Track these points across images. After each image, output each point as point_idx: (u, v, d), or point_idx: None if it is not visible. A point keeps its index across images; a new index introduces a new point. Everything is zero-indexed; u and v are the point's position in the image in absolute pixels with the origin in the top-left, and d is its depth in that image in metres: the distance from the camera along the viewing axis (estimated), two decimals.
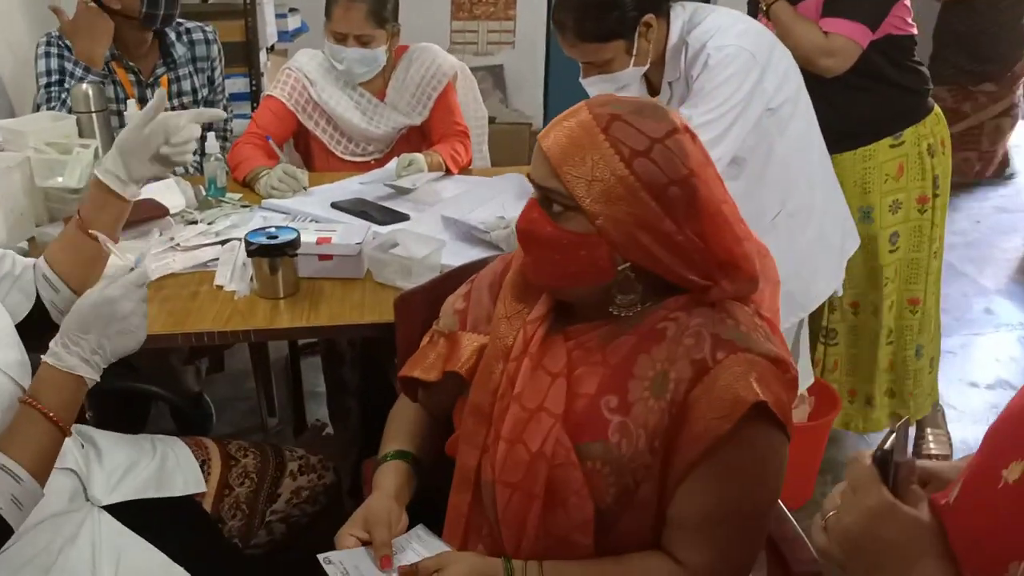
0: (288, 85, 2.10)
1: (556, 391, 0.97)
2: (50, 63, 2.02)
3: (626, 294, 0.97)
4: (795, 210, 1.74)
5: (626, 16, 1.53)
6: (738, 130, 1.57)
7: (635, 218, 0.91)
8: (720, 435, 0.88)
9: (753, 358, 0.91)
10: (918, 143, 2.02)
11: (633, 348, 0.96)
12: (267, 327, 1.43)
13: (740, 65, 1.55)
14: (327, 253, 1.54)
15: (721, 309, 0.95)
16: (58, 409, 1.02)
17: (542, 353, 1.00)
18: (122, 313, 1.06)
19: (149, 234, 1.64)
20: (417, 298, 1.32)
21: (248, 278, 1.51)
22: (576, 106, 0.97)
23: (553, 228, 0.94)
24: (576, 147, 0.92)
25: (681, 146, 0.93)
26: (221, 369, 2.62)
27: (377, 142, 2.17)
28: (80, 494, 1.17)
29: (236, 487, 1.34)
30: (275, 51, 3.36)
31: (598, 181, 0.91)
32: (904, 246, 2.08)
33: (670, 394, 0.91)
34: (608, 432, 0.94)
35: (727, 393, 0.89)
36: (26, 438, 1.01)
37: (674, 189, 0.91)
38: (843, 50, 1.86)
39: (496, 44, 4.43)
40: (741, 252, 0.96)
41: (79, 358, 1.04)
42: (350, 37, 1.99)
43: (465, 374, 1.06)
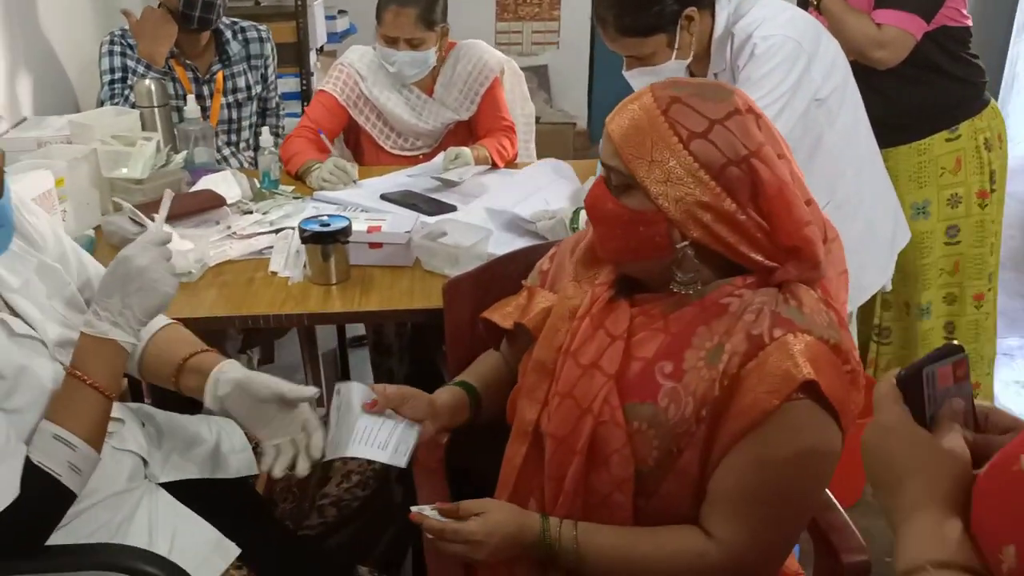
0: (340, 80, 2.14)
1: (613, 352, 0.99)
2: (113, 61, 2.11)
3: (686, 272, 0.98)
4: (843, 201, 1.72)
5: (667, 10, 1.54)
6: (785, 119, 1.56)
7: (695, 198, 0.93)
8: (767, 410, 0.88)
9: (811, 340, 0.91)
10: (975, 136, 1.98)
11: (694, 318, 0.97)
12: (319, 311, 1.47)
13: (787, 54, 1.54)
14: (377, 241, 1.58)
15: (787, 290, 0.96)
16: (98, 375, 1.05)
17: (604, 315, 1.03)
18: (138, 269, 1.07)
19: (207, 223, 1.70)
20: (465, 284, 1.35)
21: (301, 265, 1.56)
22: (643, 88, 1.00)
23: (614, 204, 0.98)
24: (636, 129, 0.95)
25: (743, 127, 0.94)
26: (272, 361, 2.68)
27: (425, 137, 2.21)
28: (140, 473, 1.21)
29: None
30: (324, 52, 3.44)
31: (657, 162, 0.93)
32: (966, 240, 2.05)
33: (723, 365, 0.92)
34: (658, 396, 0.96)
35: (778, 369, 0.89)
36: (74, 407, 1.04)
37: (733, 169, 0.92)
38: (896, 41, 1.84)
39: (540, 44, 4.46)
40: (803, 236, 0.95)
41: (109, 322, 1.06)
42: (400, 41, 2.03)
43: (532, 329, 1.10)
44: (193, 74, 2.20)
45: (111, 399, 1.07)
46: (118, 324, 1.07)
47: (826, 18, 1.89)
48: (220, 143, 2.25)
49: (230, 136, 2.29)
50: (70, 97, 2.44)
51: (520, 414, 1.08)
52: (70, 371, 1.05)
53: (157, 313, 1.11)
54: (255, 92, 2.30)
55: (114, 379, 1.07)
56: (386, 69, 2.13)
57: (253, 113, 2.33)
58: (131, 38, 2.13)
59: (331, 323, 1.91)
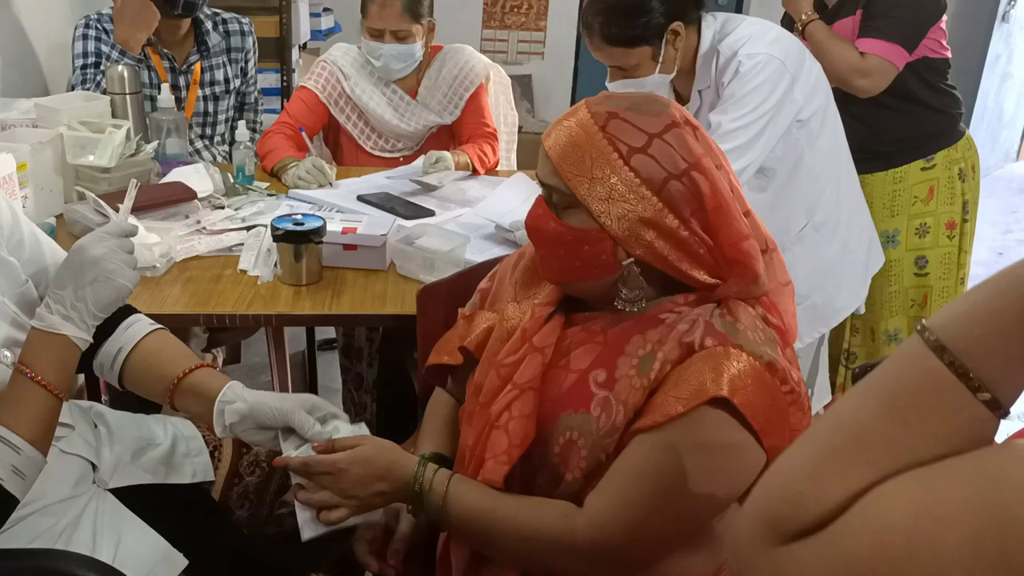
0: (322, 78, 2.11)
1: (532, 364, 0.98)
2: (87, 45, 2.04)
3: (631, 289, 0.97)
4: (821, 223, 1.73)
5: (653, 22, 1.53)
6: (767, 137, 1.56)
7: (636, 215, 0.91)
8: (671, 415, 0.87)
9: (741, 355, 0.88)
10: (949, 167, 2.00)
11: (630, 330, 0.96)
12: (288, 312, 1.43)
13: (771, 73, 1.54)
14: (352, 243, 1.55)
15: (725, 306, 0.95)
16: (47, 372, 0.98)
17: (534, 328, 1.02)
18: (92, 258, 1.02)
19: (176, 216, 1.65)
20: (439, 290, 1.32)
21: (272, 264, 1.52)
22: (577, 104, 0.98)
23: (556, 224, 0.96)
24: (574, 146, 0.93)
25: (681, 139, 0.92)
26: (238, 361, 2.62)
27: (407, 139, 2.18)
28: (87, 478, 1.16)
29: (246, 476, 1.33)
30: (307, 49, 3.39)
31: (598, 180, 0.91)
32: (934, 272, 2.06)
33: (654, 373, 0.91)
34: (591, 405, 0.94)
35: (695, 378, 0.87)
36: (20, 405, 0.97)
37: (675, 183, 0.91)
38: (878, 70, 1.86)
39: (526, 54, 4.46)
40: (742, 249, 0.94)
41: (60, 316, 1.01)
42: (387, 33, 2.00)
43: (473, 350, 1.08)
44: (170, 63, 2.14)
45: (60, 398, 1.00)
46: (70, 318, 1.01)
47: (810, 44, 1.91)
48: (193, 136, 2.20)
49: (204, 129, 2.24)
50: (39, 81, 2.38)
51: (463, 439, 1.05)
52: (17, 367, 0.99)
53: (113, 307, 1.05)
54: (233, 86, 2.26)
55: (64, 376, 1.01)
56: (370, 68, 2.10)
57: (230, 107, 2.28)
58: (107, 22, 2.07)
59: (300, 325, 1.87)
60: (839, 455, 0.50)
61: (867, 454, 0.49)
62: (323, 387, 2.44)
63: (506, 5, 4.39)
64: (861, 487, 0.48)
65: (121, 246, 1.05)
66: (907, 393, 0.49)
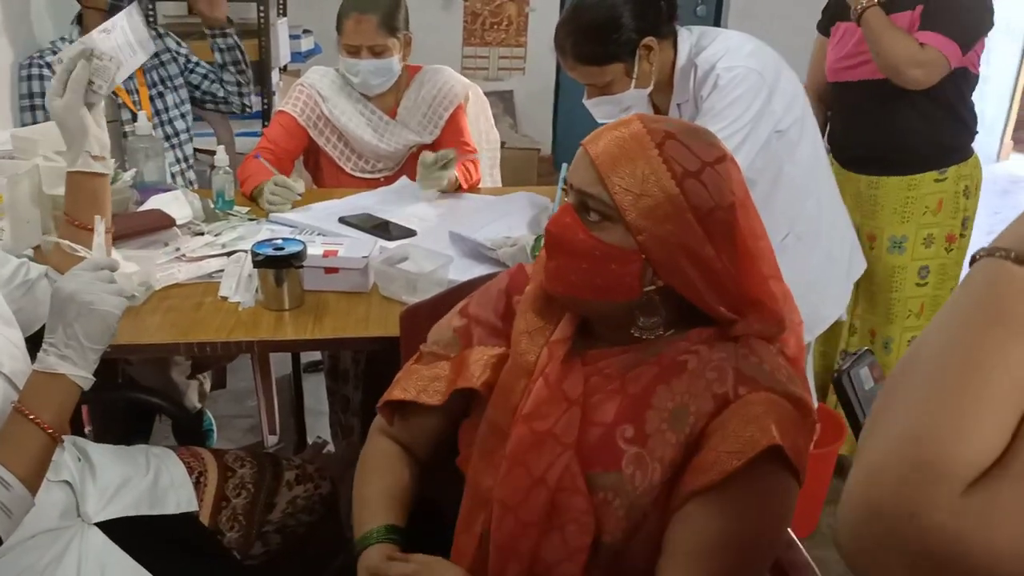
0: (300, 100, 2.10)
1: (570, 419, 0.93)
2: (32, 85, 2.07)
3: (649, 316, 0.94)
4: (803, 233, 1.74)
5: (624, 39, 1.54)
6: (748, 149, 1.57)
7: (678, 239, 0.89)
8: (729, 471, 0.84)
9: (775, 398, 0.88)
10: (958, 182, 2.03)
11: (653, 379, 0.92)
12: (271, 338, 1.42)
13: (749, 85, 1.55)
14: (333, 266, 1.54)
15: (744, 345, 0.92)
16: (43, 411, 1.01)
17: (561, 376, 0.96)
18: (69, 295, 1.04)
19: (155, 244, 1.63)
20: (423, 312, 1.31)
21: (253, 290, 1.50)
22: (628, 117, 0.95)
23: (587, 236, 0.91)
24: (627, 158, 0.89)
25: (728, 174, 0.91)
26: (223, 386, 2.60)
27: (387, 159, 2.17)
28: (72, 510, 1.15)
29: (233, 498, 1.33)
30: (288, 71, 3.39)
31: (647, 196, 0.88)
32: (932, 283, 2.08)
33: (689, 427, 0.88)
34: (622, 463, 0.90)
35: (744, 430, 0.85)
36: (15, 444, 0.99)
37: (719, 214, 0.89)
38: (934, 63, 1.84)
39: (507, 70, 4.48)
40: (769, 291, 0.93)
41: (56, 356, 1.03)
42: (363, 49, 2.00)
43: (482, 388, 1.01)
44: None
45: (55, 439, 1.02)
46: (66, 357, 1.03)
47: (864, 30, 1.89)
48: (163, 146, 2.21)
49: (164, 128, 2.23)
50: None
51: (475, 479, 1.00)
52: (16, 406, 1.01)
53: (106, 336, 1.07)
54: (175, 83, 2.27)
55: (61, 417, 1.03)
56: (348, 89, 2.10)
57: (183, 101, 2.28)
58: (59, 49, 2.07)
59: (283, 351, 1.86)
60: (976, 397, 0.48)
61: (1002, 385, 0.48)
62: (310, 410, 2.42)
63: (486, 22, 4.41)
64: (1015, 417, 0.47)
65: (98, 278, 1.07)
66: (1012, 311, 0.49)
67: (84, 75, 1.22)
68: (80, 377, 1.04)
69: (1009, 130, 5.05)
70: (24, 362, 1.09)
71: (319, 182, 2.24)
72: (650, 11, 1.55)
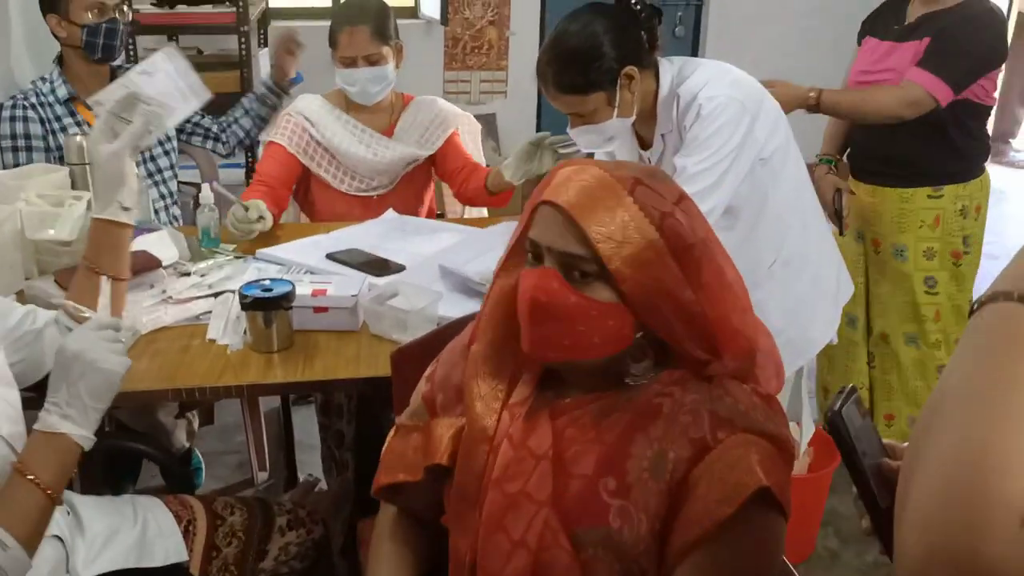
0: (288, 129, 2.11)
1: (541, 475, 0.91)
2: (15, 127, 2.05)
3: (638, 361, 0.93)
4: (790, 258, 1.74)
5: (605, 68, 1.54)
6: (732, 178, 1.58)
7: (659, 284, 0.88)
8: (720, 520, 0.84)
9: (754, 439, 0.87)
10: (955, 201, 2.07)
11: (629, 425, 0.91)
12: (260, 382, 1.40)
13: (732, 114, 1.56)
14: (322, 305, 1.52)
15: (718, 386, 0.91)
16: (43, 472, 1.01)
17: (525, 434, 0.94)
18: (73, 354, 1.05)
19: (141, 287, 1.62)
20: (414, 352, 1.30)
21: (241, 331, 1.49)
22: (578, 165, 0.92)
23: (579, 298, 0.88)
24: (604, 207, 0.87)
25: (693, 211, 0.92)
26: (211, 422, 2.57)
27: (381, 175, 2.17)
28: (62, 565, 1.14)
29: (223, 548, 1.31)
30: None
31: (628, 243, 0.86)
32: (944, 291, 2.12)
33: (669, 474, 0.87)
34: (608, 517, 0.89)
35: (729, 475, 0.85)
36: (14, 505, 0.99)
37: (694, 252, 0.89)
38: (920, 102, 1.93)
39: (488, 94, 4.50)
40: (741, 323, 0.93)
41: (58, 415, 1.03)
42: (359, 59, 2.03)
43: (448, 463, 0.99)
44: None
45: (54, 500, 1.02)
46: (68, 416, 1.03)
47: (841, 113, 2.05)
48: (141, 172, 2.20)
49: (147, 165, 2.23)
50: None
51: (454, 544, 0.99)
52: (16, 466, 1.01)
53: (108, 395, 1.07)
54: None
55: (61, 478, 1.03)
56: (336, 112, 2.12)
57: (167, 139, 2.28)
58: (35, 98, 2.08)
59: (272, 394, 1.84)
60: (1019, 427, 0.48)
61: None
62: (300, 443, 2.39)
63: (467, 47, 4.43)
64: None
65: (102, 337, 1.08)
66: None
67: (142, 126, 1.25)
68: (82, 436, 1.04)
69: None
70: (20, 424, 1.09)
71: (311, 211, 2.23)
72: (630, 40, 1.56)
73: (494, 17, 4.39)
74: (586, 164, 0.93)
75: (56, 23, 2.05)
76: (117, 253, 1.27)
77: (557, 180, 0.91)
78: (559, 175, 0.92)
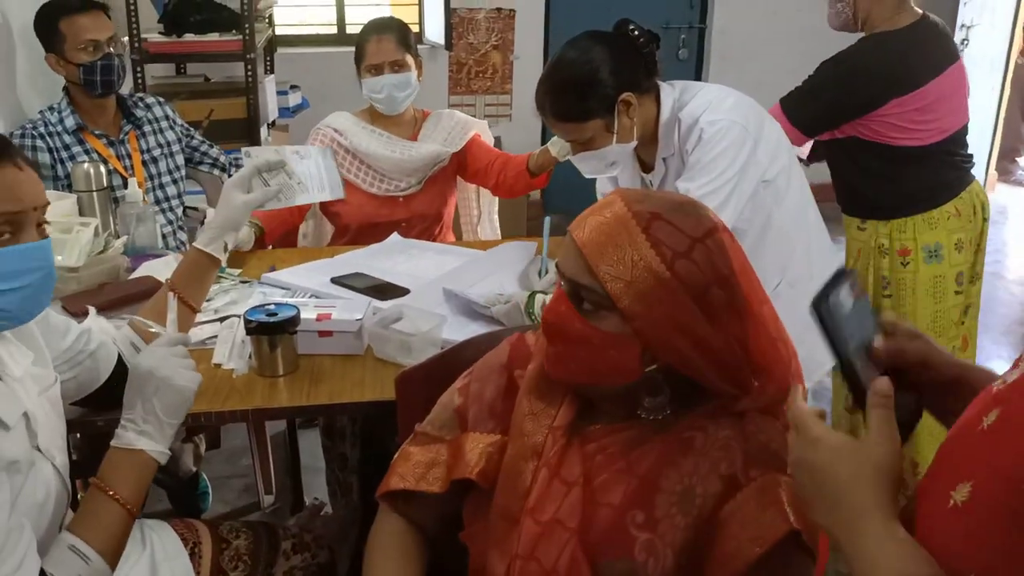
0: (317, 140, 2.22)
1: (572, 502, 0.92)
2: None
3: (654, 396, 0.93)
4: (795, 279, 1.74)
5: (601, 95, 1.55)
6: (735, 201, 1.58)
7: (673, 321, 0.87)
8: (751, 560, 0.84)
9: (786, 479, 0.87)
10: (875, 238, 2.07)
11: (659, 458, 0.91)
12: (266, 406, 1.40)
13: (734, 138, 1.57)
14: (327, 330, 1.53)
15: (751, 422, 0.91)
16: (121, 487, 1.05)
17: (559, 461, 0.94)
18: (147, 371, 1.08)
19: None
20: (418, 376, 1.31)
21: (247, 356, 1.49)
22: (609, 198, 0.93)
23: (583, 325, 0.90)
24: (615, 245, 0.88)
25: (721, 245, 0.90)
26: (218, 446, 2.57)
27: (409, 176, 2.24)
28: None
29: (230, 572, 1.31)
30: (276, 127, 3.42)
31: (638, 282, 0.87)
32: (967, 288, 2.13)
33: (697, 510, 0.87)
34: (635, 551, 0.89)
35: (762, 515, 0.85)
36: (95, 519, 1.03)
37: (715, 290, 0.88)
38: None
39: (493, 117, 4.53)
40: (775, 356, 0.92)
41: (135, 432, 1.07)
42: (386, 65, 2.14)
43: (477, 478, 0.99)
44: (107, 139, 2.20)
45: (133, 515, 1.06)
46: (145, 432, 1.07)
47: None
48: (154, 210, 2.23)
49: (155, 193, 2.26)
50: None
51: (491, 568, 0.97)
52: (94, 482, 1.05)
53: (182, 411, 1.12)
54: (172, 149, 2.32)
55: (138, 493, 1.07)
56: (362, 124, 2.22)
57: (176, 168, 2.32)
58: (43, 127, 2.12)
59: (278, 419, 1.85)
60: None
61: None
62: (306, 467, 2.39)
63: (471, 71, 4.48)
64: None
65: (173, 353, 1.13)
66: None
67: (275, 192, 1.40)
68: (158, 452, 1.08)
69: (993, 161, 5.11)
70: (66, 454, 1.12)
71: (337, 216, 2.26)
72: (628, 67, 1.57)
73: (498, 42, 4.44)
74: (613, 198, 0.93)
75: (55, 62, 2.11)
76: (201, 284, 1.35)
77: (585, 212, 0.94)
78: (589, 209, 0.94)
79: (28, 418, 1.03)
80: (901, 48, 1.92)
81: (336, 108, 2.28)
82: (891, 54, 1.92)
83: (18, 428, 1.00)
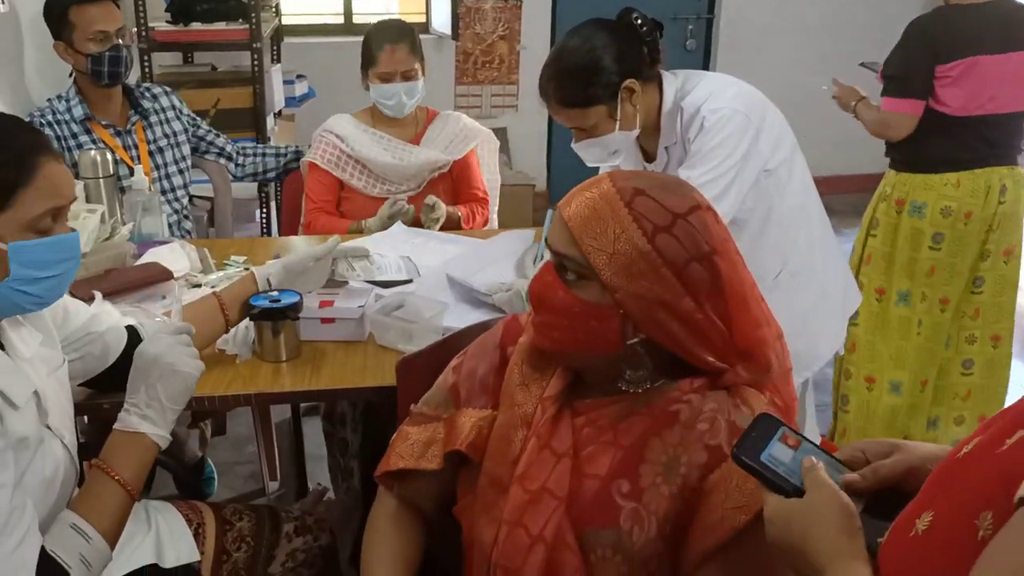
0: (320, 147, 2.24)
1: (560, 472, 0.94)
2: None
3: (635, 370, 0.95)
4: (796, 270, 1.75)
5: (605, 82, 1.56)
6: (736, 190, 1.59)
7: (655, 294, 0.89)
8: (737, 527, 0.86)
9: None
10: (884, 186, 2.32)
11: (645, 430, 0.93)
12: (269, 391, 1.42)
13: (735, 126, 1.57)
14: (329, 316, 1.55)
15: (736, 395, 0.93)
16: (123, 469, 1.07)
17: (550, 432, 0.97)
18: (153, 357, 1.10)
19: (152, 298, 1.64)
20: (419, 362, 1.32)
21: (250, 341, 1.51)
22: (598, 176, 0.97)
23: (565, 294, 0.93)
24: (598, 218, 0.91)
25: (704, 223, 0.92)
26: (223, 432, 2.59)
27: (409, 180, 2.27)
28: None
29: (233, 552, 1.33)
30: (283, 116, 3.43)
31: (619, 255, 0.90)
32: (988, 291, 2.25)
33: (681, 479, 0.89)
34: (620, 519, 0.91)
35: (745, 484, 0.86)
36: (96, 499, 1.05)
37: (696, 266, 0.90)
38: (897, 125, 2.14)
39: (499, 107, 4.53)
40: (759, 337, 0.94)
41: (138, 416, 1.09)
42: (397, 75, 2.16)
43: (467, 450, 1.02)
44: (113, 129, 2.22)
45: (133, 496, 1.08)
46: (147, 417, 1.09)
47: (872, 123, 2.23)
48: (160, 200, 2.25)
49: (162, 183, 2.28)
50: None
51: (479, 535, 1.00)
52: (96, 463, 1.07)
53: (184, 397, 1.13)
54: (178, 139, 2.33)
55: (139, 475, 1.09)
56: (363, 127, 2.24)
57: (183, 158, 2.34)
58: (50, 114, 2.14)
59: (281, 403, 1.87)
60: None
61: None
62: (311, 455, 2.41)
63: (478, 61, 4.47)
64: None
65: (178, 341, 1.14)
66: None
67: (349, 268, 1.59)
68: (159, 436, 1.10)
69: None
70: (74, 433, 1.14)
71: (340, 214, 2.29)
72: (631, 54, 1.57)
73: (505, 32, 4.43)
74: (602, 177, 0.96)
75: (63, 50, 2.12)
76: (243, 302, 1.44)
77: (574, 189, 0.97)
78: (578, 186, 0.97)
79: (39, 396, 1.05)
80: (956, 20, 2.10)
81: (342, 98, 2.30)
82: (940, 23, 2.11)
83: (28, 407, 1.02)
